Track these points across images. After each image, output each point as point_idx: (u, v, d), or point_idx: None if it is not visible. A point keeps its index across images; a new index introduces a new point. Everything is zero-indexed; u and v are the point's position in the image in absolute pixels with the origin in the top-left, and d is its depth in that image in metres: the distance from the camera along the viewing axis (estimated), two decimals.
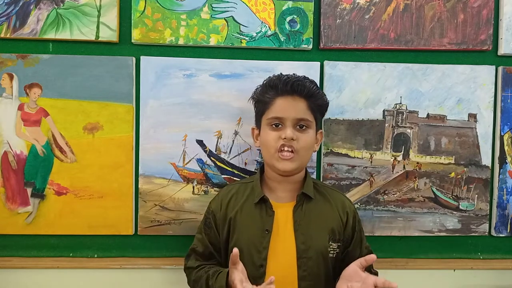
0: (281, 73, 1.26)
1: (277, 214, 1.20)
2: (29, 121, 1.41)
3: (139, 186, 1.43)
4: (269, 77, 1.27)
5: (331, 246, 1.20)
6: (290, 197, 1.23)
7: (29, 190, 1.41)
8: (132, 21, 1.41)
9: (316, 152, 1.45)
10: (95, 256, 1.45)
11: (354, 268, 1.10)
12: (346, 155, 1.47)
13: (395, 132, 1.48)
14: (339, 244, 1.22)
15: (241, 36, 1.43)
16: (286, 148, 1.17)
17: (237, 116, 1.43)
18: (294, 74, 1.26)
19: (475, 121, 1.48)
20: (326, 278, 1.20)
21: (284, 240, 1.19)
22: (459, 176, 1.49)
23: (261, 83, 1.27)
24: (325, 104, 1.28)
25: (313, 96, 1.21)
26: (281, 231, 1.19)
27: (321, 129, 1.31)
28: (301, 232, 1.19)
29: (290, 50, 1.45)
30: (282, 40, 1.44)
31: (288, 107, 1.19)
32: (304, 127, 1.20)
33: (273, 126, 1.20)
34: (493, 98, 1.49)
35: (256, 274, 1.17)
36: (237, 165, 1.45)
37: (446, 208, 1.49)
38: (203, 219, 1.30)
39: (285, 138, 1.17)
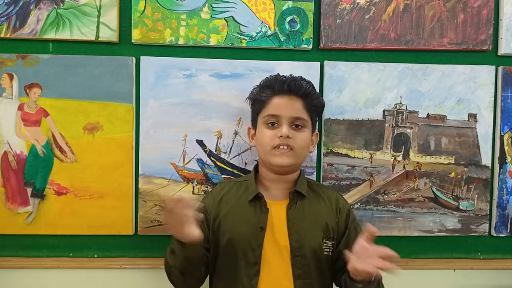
0: (278, 74, 1.27)
1: (271, 211, 1.20)
2: (29, 121, 1.41)
3: (139, 186, 1.43)
4: (266, 77, 1.28)
5: (325, 244, 1.20)
6: (284, 196, 1.24)
7: (29, 190, 1.41)
8: (132, 21, 1.41)
9: (316, 152, 1.46)
10: (95, 256, 1.45)
11: (360, 243, 1.07)
12: (346, 155, 1.47)
13: (395, 132, 1.48)
14: (333, 242, 1.22)
15: (241, 36, 1.43)
16: (282, 146, 1.18)
17: (237, 116, 1.44)
18: (291, 74, 1.26)
19: (475, 121, 1.48)
20: (321, 276, 1.20)
21: (278, 238, 1.18)
22: (459, 176, 1.49)
23: (258, 84, 1.28)
24: (321, 105, 1.29)
25: (309, 96, 1.22)
26: (275, 229, 1.19)
27: (316, 131, 1.31)
28: (295, 230, 1.19)
29: (290, 50, 1.45)
30: (282, 40, 1.44)
31: (284, 106, 1.19)
32: (300, 126, 1.20)
33: (269, 124, 1.20)
34: (493, 98, 1.49)
35: (251, 272, 1.17)
36: (237, 165, 1.45)
37: (446, 208, 1.49)
38: None
39: (281, 136, 1.17)
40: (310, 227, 1.20)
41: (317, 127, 1.35)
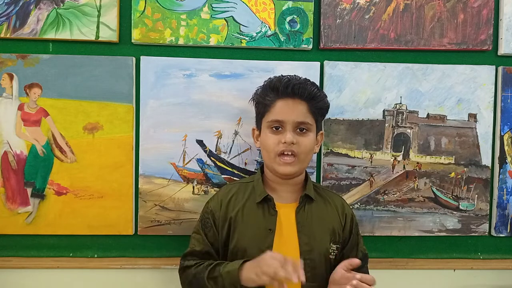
0: (281, 75, 1.25)
1: (279, 214, 1.20)
2: (29, 121, 1.41)
3: (139, 186, 1.43)
4: (270, 78, 1.26)
5: (331, 248, 1.21)
6: (291, 198, 1.23)
7: (29, 190, 1.41)
8: (132, 21, 1.41)
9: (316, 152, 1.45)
10: (95, 256, 1.45)
11: (340, 272, 1.13)
12: (346, 155, 1.47)
13: (395, 132, 1.48)
14: (338, 246, 1.22)
15: (241, 36, 1.43)
16: (286, 153, 1.17)
17: (237, 116, 1.44)
18: (295, 75, 1.25)
19: (475, 121, 1.48)
20: (326, 279, 1.19)
21: (287, 241, 1.18)
22: (459, 176, 1.49)
23: (262, 84, 1.27)
24: (326, 107, 1.28)
25: (314, 99, 1.20)
26: (284, 231, 1.19)
27: (321, 130, 1.30)
28: (304, 234, 1.18)
29: (290, 50, 1.45)
30: (282, 40, 1.44)
31: (288, 110, 1.18)
32: (304, 130, 1.19)
33: (273, 129, 1.20)
34: (493, 98, 1.49)
35: None
36: (237, 165, 1.45)
37: (446, 208, 1.49)
38: (200, 219, 1.27)
39: (285, 143, 1.16)
40: (319, 231, 1.20)
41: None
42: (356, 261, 1.13)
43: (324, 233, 1.21)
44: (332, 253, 1.21)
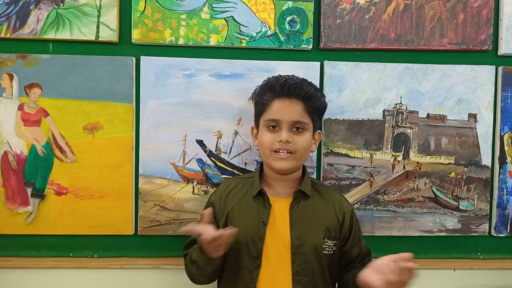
0: (279, 75, 1.27)
1: (273, 208, 1.22)
2: (29, 121, 1.41)
3: (139, 186, 1.43)
4: (268, 78, 1.28)
5: (326, 243, 1.22)
6: (287, 194, 1.25)
7: (29, 190, 1.41)
8: (132, 21, 1.41)
9: (316, 152, 1.46)
10: (95, 256, 1.45)
11: (387, 263, 1.07)
12: (346, 155, 1.47)
13: (395, 132, 1.48)
14: (335, 242, 1.23)
15: (241, 36, 1.43)
16: (282, 151, 1.19)
17: (237, 116, 1.44)
18: (293, 75, 1.26)
19: (475, 121, 1.48)
20: (321, 274, 1.21)
21: (280, 234, 1.20)
22: (459, 176, 1.49)
23: (261, 84, 1.28)
24: (323, 107, 1.29)
25: (310, 98, 1.22)
26: (277, 225, 1.21)
27: (319, 129, 1.31)
28: (297, 228, 1.20)
29: (290, 50, 1.45)
30: (282, 40, 1.44)
31: (284, 110, 1.20)
32: (300, 129, 1.21)
33: (270, 127, 1.22)
34: (493, 98, 1.49)
35: (253, 265, 1.19)
36: (237, 165, 1.45)
37: (446, 208, 1.49)
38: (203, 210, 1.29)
39: (280, 141, 1.19)
40: (312, 227, 1.22)
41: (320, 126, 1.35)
42: (409, 255, 1.06)
43: (317, 228, 1.22)
44: (327, 249, 1.22)
